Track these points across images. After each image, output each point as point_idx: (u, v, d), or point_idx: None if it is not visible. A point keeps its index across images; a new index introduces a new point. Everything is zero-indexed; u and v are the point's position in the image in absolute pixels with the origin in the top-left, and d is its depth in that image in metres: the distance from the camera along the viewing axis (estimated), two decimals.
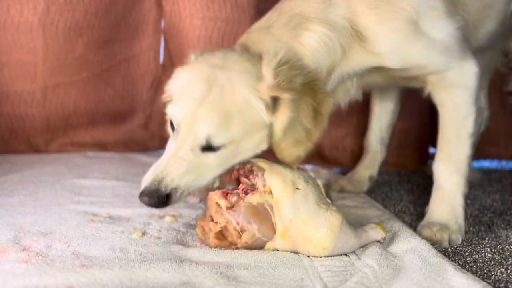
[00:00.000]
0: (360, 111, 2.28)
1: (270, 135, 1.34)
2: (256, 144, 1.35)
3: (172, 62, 2.44)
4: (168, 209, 1.61)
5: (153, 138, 2.59)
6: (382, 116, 1.99)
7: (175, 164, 1.28)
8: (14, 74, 2.33)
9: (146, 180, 1.29)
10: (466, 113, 1.50)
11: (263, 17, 1.52)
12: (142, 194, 1.27)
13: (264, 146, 1.37)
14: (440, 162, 1.54)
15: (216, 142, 1.28)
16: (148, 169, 1.33)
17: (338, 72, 1.47)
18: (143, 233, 1.40)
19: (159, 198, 1.26)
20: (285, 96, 1.28)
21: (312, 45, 1.40)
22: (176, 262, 1.19)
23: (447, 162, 1.52)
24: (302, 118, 1.30)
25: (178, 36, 2.33)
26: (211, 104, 1.27)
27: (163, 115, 1.46)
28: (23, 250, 1.24)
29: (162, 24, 2.46)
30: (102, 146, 2.54)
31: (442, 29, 1.46)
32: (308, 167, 2.38)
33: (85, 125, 2.49)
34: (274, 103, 1.31)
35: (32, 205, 1.62)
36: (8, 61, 2.31)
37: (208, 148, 1.29)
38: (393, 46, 1.44)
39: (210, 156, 1.30)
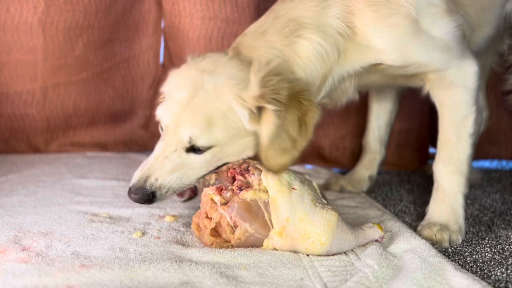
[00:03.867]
0: (359, 111, 2.28)
1: (256, 143, 1.37)
2: (240, 149, 1.39)
3: (172, 62, 2.44)
4: (168, 209, 1.62)
5: (153, 138, 2.58)
6: (380, 115, 1.99)
7: (160, 164, 1.34)
8: (14, 74, 2.33)
9: (134, 178, 1.35)
10: (466, 113, 1.50)
11: (259, 19, 1.51)
12: (130, 191, 1.35)
13: (249, 153, 1.40)
14: (440, 162, 1.53)
15: (199, 144, 1.33)
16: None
17: (335, 75, 1.47)
18: (143, 233, 1.40)
19: (143, 195, 1.33)
20: (270, 107, 1.29)
21: (306, 55, 1.40)
22: (176, 262, 1.19)
23: (447, 162, 1.52)
24: (288, 127, 1.31)
25: (178, 36, 2.33)
26: (195, 108, 1.32)
27: None
28: (23, 250, 1.24)
29: (162, 24, 2.46)
30: (102, 146, 2.54)
31: (441, 27, 1.45)
32: (308, 167, 2.38)
33: (85, 125, 2.50)
34: (259, 112, 1.32)
35: (32, 205, 1.62)
36: (8, 61, 2.31)
37: (192, 149, 1.34)
38: (392, 42, 1.43)
39: (194, 158, 1.35)
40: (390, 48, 1.43)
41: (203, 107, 1.32)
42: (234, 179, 1.35)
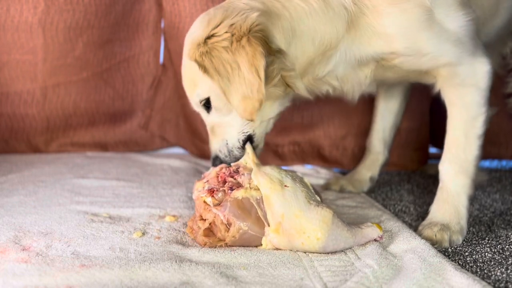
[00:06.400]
0: (360, 111, 2.28)
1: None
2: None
3: (172, 62, 2.44)
4: (168, 209, 1.62)
5: (153, 138, 2.59)
6: (386, 116, 1.97)
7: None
8: (14, 74, 2.33)
9: None
10: (476, 113, 1.47)
11: None
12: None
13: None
14: (447, 162, 1.51)
15: (200, 99, 1.50)
16: (147, 168, 1.39)
17: (347, 49, 1.44)
18: (143, 233, 1.40)
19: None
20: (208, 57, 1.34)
21: (312, 6, 1.38)
22: (176, 262, 1.19)
23: (454, 163, 1.49)
24: (242, 71, 1.31)
25: (178, 36, 2.33)
26: (185, 76, 1.53)
27: (163, 115, 1.51)
28: (23, 250, 1.24)
29: (162, 24, 2.46)
30: (102, 146, 2.54)
31: (455, 20, 1.42)
32: (308, 167, 2.38)
33: (85, 125, 2.50)
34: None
35: (32, 205, 1.62)
36: (8, 61, 2.31)
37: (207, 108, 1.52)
38: (403, 28, 1.40)
39: (210, 114, 1.52)
40: (401, 34, 1.41)
41: (186, 73, 1.51)
42: (225, 182, 1.37)
